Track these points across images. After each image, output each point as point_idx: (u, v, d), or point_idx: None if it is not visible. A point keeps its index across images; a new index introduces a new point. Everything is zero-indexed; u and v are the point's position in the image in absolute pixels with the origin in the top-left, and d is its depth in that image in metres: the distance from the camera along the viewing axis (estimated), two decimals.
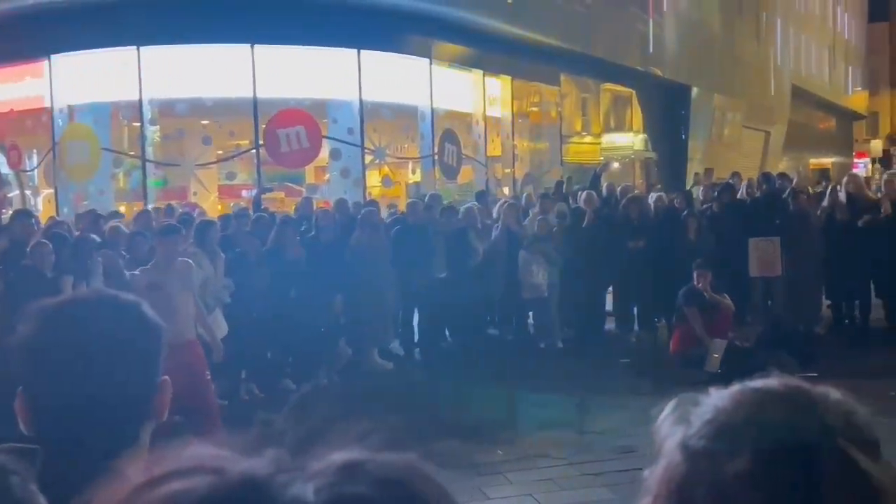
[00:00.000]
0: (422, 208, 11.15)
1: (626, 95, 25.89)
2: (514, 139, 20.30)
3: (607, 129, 25.63)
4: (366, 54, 15.82)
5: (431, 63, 17.17)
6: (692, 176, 20.59)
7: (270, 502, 0.57)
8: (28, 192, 16.46)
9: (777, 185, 12.48)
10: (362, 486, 0.58)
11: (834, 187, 11.87)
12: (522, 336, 11.41)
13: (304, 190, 16.24)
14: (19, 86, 16.11)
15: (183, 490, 0.57)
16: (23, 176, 16.26)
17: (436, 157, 16.78)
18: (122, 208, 14.38)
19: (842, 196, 11.43)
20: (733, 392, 0.79)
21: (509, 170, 19.98)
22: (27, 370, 1.38)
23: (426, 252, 10.54)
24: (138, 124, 15.27)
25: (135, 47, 14.69)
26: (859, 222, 10.84)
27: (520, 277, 10.89)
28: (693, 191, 14.38)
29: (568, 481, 6.33)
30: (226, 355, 7.46)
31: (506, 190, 18.65)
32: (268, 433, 0.61)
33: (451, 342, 11.22)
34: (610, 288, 11.74)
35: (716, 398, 0.79)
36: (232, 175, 16.56)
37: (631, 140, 26.11)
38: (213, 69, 15.10)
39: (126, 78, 14.79)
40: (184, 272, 6.68)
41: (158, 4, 14.12)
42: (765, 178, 13.09)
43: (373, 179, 16.98)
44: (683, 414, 0.79)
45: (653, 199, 12.32)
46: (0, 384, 1.60)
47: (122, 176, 15.96)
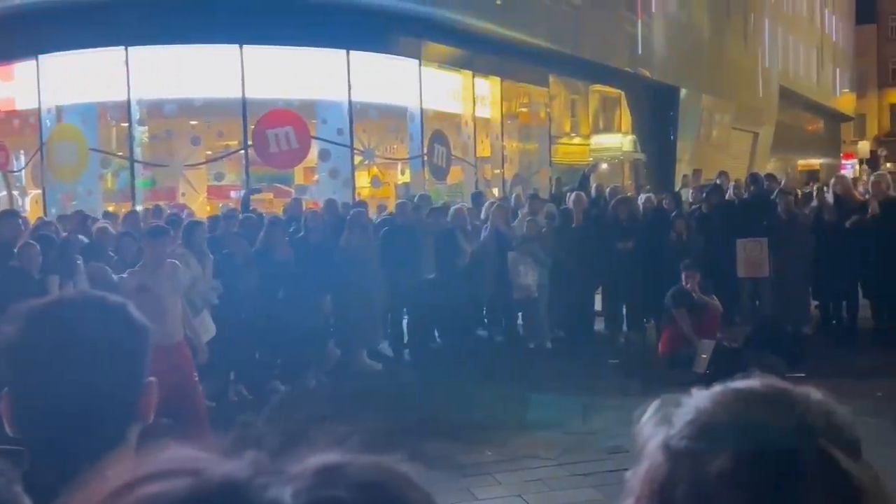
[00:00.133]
0: (411, 209, 11.15)
1: (615, 97, 25.94)
2: (504, 140, 20.31)
3: (596, 131, 25.67)
4: (355, 55, 15.80)
5: (421, 64, 17.16)
6: (681, 177, 20.64)
7: None
8: (15, 193, 16.37)
9: (765, 187, 12.53)
10: (341, 490, 0.57)
11: (821, 188, 11.93)
12: (512, 337, 11.41)
13: (293, 191, 16.21)
14: (7, 86, 16.06)
15: (161, 492, 0.57)
16: (10, 176, 16.17)
17: (425, 158, 16.77)
18: (111, 209, 14.31)
19: (829, 197, 11.49)
20: (715, 393, 0.79)
21: (498, 171, 19.99)
22: (12, 371, 1.37)
23: (415, 253, 10.54)
24: (126, 125, 15.21)
25: (123, 47, 14.64)
26: (847, 223, 10.88)
27: (509, 278, 10.90)
28: (682, 193, 14.42)
29: (557, 482, 6.34)
30: (214, 356, 7.43)
31: (495, 191, 18.64)
32: (248, 435, 0.61)
33: (441, 343, 11.23)
34: (599, 288, 11.76)
35: (697, 399, 0.79)
36: (221, 176, 16.51)
37: (620, 141, 26.15)
38: (202, 69, 15.06)
39: (114, 78, 14.73)
40: (172, 274, 6.66)
41: (147, 4, 14.07)
42: (753, 179, 13.13)
43: (362, 180, 16.95)
44: (666, 415, 0.79)
45: (642, 201, 12.36)
46: None
47: (111, 176, 15.89)
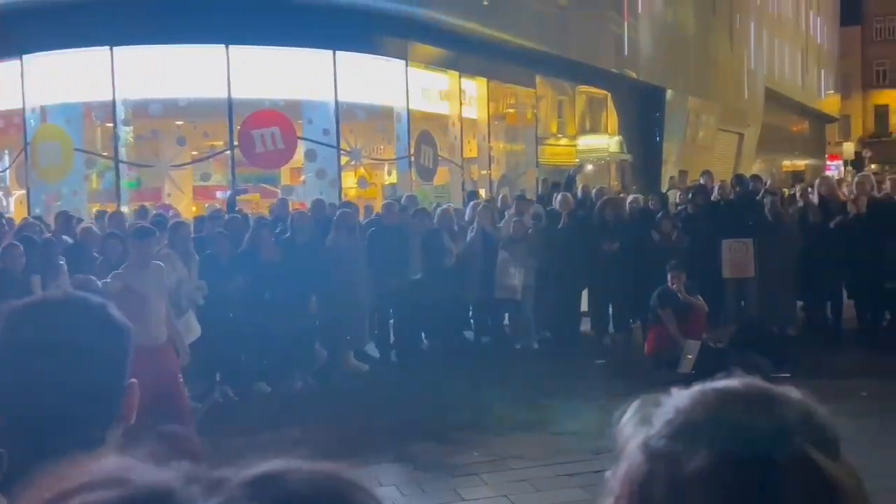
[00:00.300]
0: (397, 210, 11.14)
1: (602, 98, 26.00)
2: (490, 141, 20.31)
3: (583, 132, 25.72)
4: (341, 55, 15.77)
5: (407, 64, 17.15)
6: (667, 178, 20.70)
7: None
8: None
9: (750, 187, 12.57)
10: (274, 500, 0.56)
11: (806, 189, 11.98)
12: (498, 337, 11.42)
13: (280, 191, 16.14)
14: None
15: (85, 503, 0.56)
16: None
17: (412, 159, 16.76)
18: (96, 209, 14.23)
19: (814, 198, 11.54)
20: (694, 392, 0.79)
21: (485, 171, 19.99)
22: None
23: (402, 254, 10.52)
24: (111, 125, 15.12)
25: (108, 47, 14.55)
26: (831, 224, 10.93)
27: (495, 279, 10.90)
28: (670, 194, 14.44)
29: (543, 482, 6.34)
30: (200, 358, 7.39)
31: (482, 191, 18.64)
32: (183, 444, 0.60)
33: (427, 344, 11.22)
34: (585, 289, 11.78)
35: (677, 398, 0.79)
36: (206, 176, 16.44)
37: (606, 142, 26.20)
38: (188, 69, 15.00)
39: (99, 78, 14.65)
40: (157, 275, 6.63)
41: (132, 4, 13.99)
42: (738, 180, 13.18)
43: (348, 181, 16.92)
44: (646, 415, 0.79)
45: (628, 201, 12.39)
46: None
47: (95, 177, 15.80)
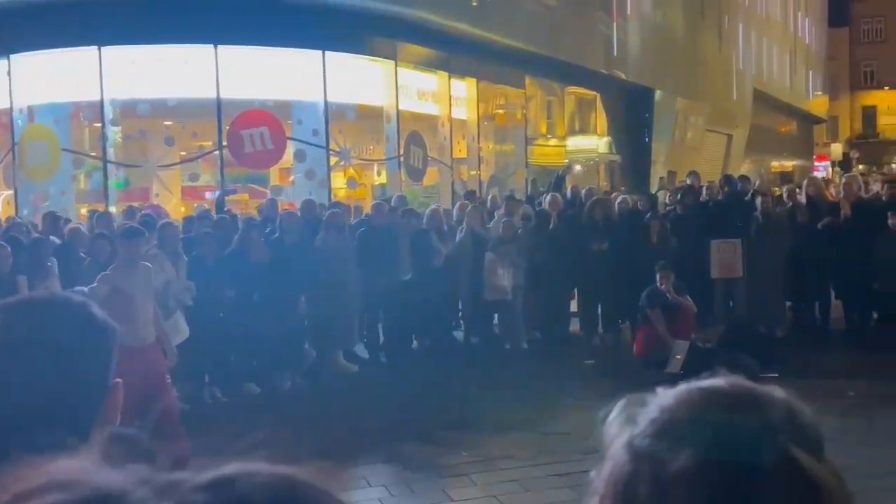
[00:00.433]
0: (386, 210, 11.13)
1: (591, 98, 26.05)
2: (480, 141, 20.32)
3: (572, 132, 25.76)
4: (331, 56, 15.74)
5: (397, 65, 17.14)
6: (656, 179, 20.73)
7: None
8: None
9: (738, 188, 12.61)
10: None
11: (794, 190, 12.02)
12: (487, 338, 11.42)
13: (269, 192, 16.10)
14: None
15: None
16: None
17: (401, 159, 16.75)
18: (87, 209, 14.16)
19: (802, 199, 11.58)
20: (679, 391, 0.79)
21: (475, 172, 19.99)
22: None
23: (391, 254, 10.51)
24: (99, 125, 15.04)
25: (96, 47, 14.49)
26: (819, 224, 10.97)
27: (485, 279, 10.90)
28: (660, 195, 14.47)
29: (532, 482, 6.35)
30: (188, 358, 7.36)
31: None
32: (138, 447, 0.59)
33: (417, 344, 11.21)
34: (574, 290, 11.79)
35: (662, 397, 0.79)
36: (195, 176, 16.38)
37: (595, 143, 26.26)
38: (176, 69, 14.94)
39: (87, 78, 14.57)
40: (145, 276, 6.60)
41: (120, 4, 13.93)
42: (727, 181, 13.23)
43: (338, 181, 16.89)
44: (631, 414, 0.79)
45: (617, 202, 12.40)
46: None
47: (83, 177, 15.73)
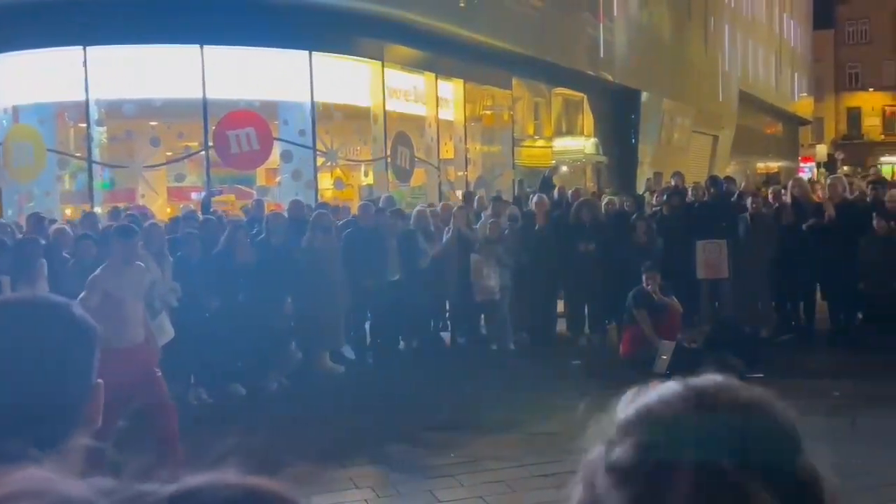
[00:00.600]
0: (373, 211, 11.11)
1: (578, 100, 26.10)
2: (467, 142, 20.33)
3: (559, 133, 25.79)
4: (317, 56, 15.72)
5: (384, 65, 17.13)
6: (643, 180, 20.79)
7: None
8: None
9: (724, 189, 12.66)
10: None
11: (779, 191, 12.08)
12: (474, 338, 11.42)
13: (255, 192, 16.06)
14: None
15: None
16: None
17: (388, 160, 16.74)
18: (69, 211, 14.10)
19: (787, 199, 11.63)
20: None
21: (462, 173, 20.01)
22: None
23: (378, 255, 10.50)
24: (85, 125, 14.98)
25: (81, 47, 14.43)
26: (804, 226, 11.02)
27: (472, 280, 10.90)
28: (646, 196, 14.51)
29: (519, 483, 6.35)
30: (174, 359, 7.32)
31: (458, 193, 18.66)
32: (106, 457, 0.58)
33: (404, 345, 11.20)
34: (561, 290, 11.80)
35: (642, 396, 0.79)
36: (181, 177, 16.32)
37: (582, 144, 26.30)
38: (162, 69, 14.89)
39: (72, 78, 14.51)
40: (138, 276, 6.57)
41: (105, 3, 13.86)
42: (712, 182, 13.27)
43: (325, 182, 16.87)
44: (616, 412, 0.80)
45: (604, 203, 12.44)
46: None
47: (68, 178, 15.66)
